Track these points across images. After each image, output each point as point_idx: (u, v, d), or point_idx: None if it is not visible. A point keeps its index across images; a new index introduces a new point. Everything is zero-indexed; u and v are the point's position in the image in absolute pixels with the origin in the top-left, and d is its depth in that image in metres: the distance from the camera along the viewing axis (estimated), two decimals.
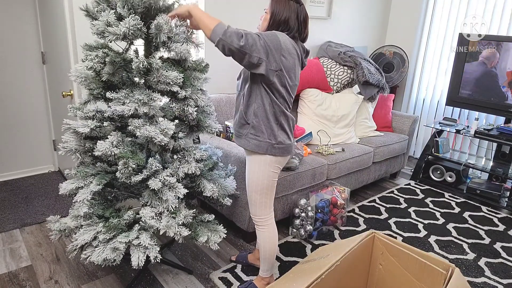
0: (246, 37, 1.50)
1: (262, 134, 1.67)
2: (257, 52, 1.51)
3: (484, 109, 3.27)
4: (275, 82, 1.60)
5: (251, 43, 1.50)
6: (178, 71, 1.62)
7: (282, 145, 1.71)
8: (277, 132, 1.68)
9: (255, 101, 1.65)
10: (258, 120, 1.66)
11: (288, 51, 1.60)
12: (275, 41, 1.55)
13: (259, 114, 1.66)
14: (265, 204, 1.81)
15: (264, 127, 1.66)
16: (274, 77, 1.59)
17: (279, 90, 1.63)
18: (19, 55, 3.05)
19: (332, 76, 3.34)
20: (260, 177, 1.74)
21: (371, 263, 1.75)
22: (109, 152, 1.56)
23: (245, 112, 1.69)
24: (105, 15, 1.52)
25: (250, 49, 1.50)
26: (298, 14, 1.64)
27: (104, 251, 1.59)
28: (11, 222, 2.54)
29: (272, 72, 1.57)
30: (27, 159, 3.31)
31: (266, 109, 1.65)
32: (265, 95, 1.63)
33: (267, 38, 1.54)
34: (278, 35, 1.57)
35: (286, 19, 1.63)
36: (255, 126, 1.67)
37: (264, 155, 1.70)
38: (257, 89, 1.64)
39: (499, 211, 3.10)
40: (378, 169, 3.30)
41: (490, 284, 2.15)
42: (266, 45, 1.53)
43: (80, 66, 1.61)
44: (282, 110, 1.68)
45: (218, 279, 2.07)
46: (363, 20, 4.01)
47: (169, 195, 1.64)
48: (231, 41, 1.48)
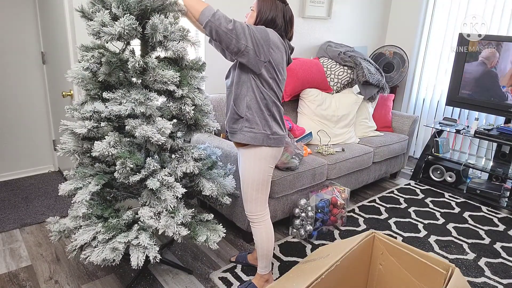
0: (235, 23, 1.53)
1: (257, 126, 1.69)
2: (244, 40, 1.54)
3: (484, 109, 3.27)
4: (263, 73, 1.63)
5: (240, 30, 1.53)
6: (175, 70, 1.62)
7: (277, 135, 1.73)
8: (271, 122, 1.71)
9: (247, 94, 1.67)
10: (252, 112, 1.68)
11: (276, 45, 1.63)
12: (263, 33, 1.58)
13: (252, 107, 1.67)
14: (261, 200, 1.81)
15: (259, 118, 1.68)
16: (263, 68, 1.61)
17: (268, 82, 1.66)
18: (19, 55, 3.06)
19: (332, 76, 3.34)
20: (256, 171, 1.75)
21: (371, 263, 1.75)
22: (106, 152, 1.56)
23: (237, 106, 1.70)
24: (100, 16, 1.52)
25: (238, 35, 1.53)
26: (284, 13, 1.67)
27: (104, 251, 1.59)
28: (11, 222, 2.54)
29: (260, 62, 1.60)
30: (27, 159, 3.31)
31: (259, 101, 1.67)
32: (256, 87, 1.65)
33: (255, 29, 1.57)
34: (266, 29, 1.61)
35: (273, 18, 1.65)
36: (249, 119, 1.69)
37: (260, 147, 1.71)
38: (248, 82, 1.66)
39: (499, 211, 3.10)
40: (378, 169, 3.30)
41: (490, 284, 2.15)
42: (254, 35, 1.56)
43: (77, 67, 1.61)
44: (273, 100, 1.70)
45: (218, 279, 2.07)
46: (363, 20, 4.01)
47: (167, 195, 1.64)
48: (219, 23, 1.51)
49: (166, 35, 1.59)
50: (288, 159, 2.39)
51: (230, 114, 1.75)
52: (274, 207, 2.42)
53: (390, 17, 4.30)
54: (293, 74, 3.02)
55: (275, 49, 1.62)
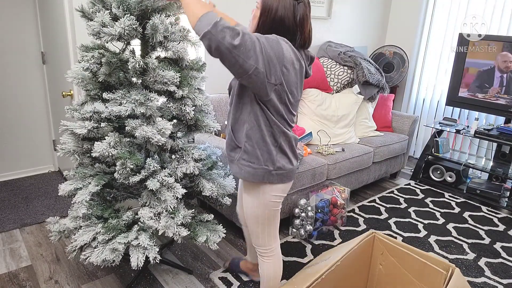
0: (244, 37, 1.16)
1: (257, 160, 1.38)
2: (254, 60, 1.19)
3: (484, 109, 3.27)
4: (272, 98, 1.29)
5: (249, 46, 1.17)
6: (175, 71, 1.62)
7: (282, 170, 1.42)
8: (276, 156, 1.39)
9: (247, 121, 1.35)
10: (251, 143, 1.37)
11: (291, 62, 1.30)
12: (277, 49, 1.24)
13: (252, 136, 1.36)
14: (269, 234, 1.58)
15: (260, 151, 1.37)
16: (272, 92, 1.28)
17: (277, 108, 1.33)
18: (19, 55, 3.06)
19: (332, 76, 3.34)
20: (260, 209, 1.49)
21: (371, 263, 1.75)
22: (106, 153, 1.56)
23: (235, 133, 1.41)
24: (100, 16, 1.52)
25: (246, 54, 1.17)
26: (295, 13, 1.30)
27: (103, 252, 1.59)
28: (11, 222, 2.54)
29: (270, 85, 1.26)
30: (27, 159, 3.31)
31: (263, 130, 1.35)
32: (261, 113, 1.33)
33: (267, 43, 1.22)
34: (280, 41, 1.27)
35: (282, 18, 1.29)
36: (248, 151, 1.38)
37: (261, 184, 1.42)
38: (250, 106, 1.33)
39: (499, 211, 3.10)
40: (378, 169, 3.30)
41: (490, 284, 2.15)
42: (266, 52, 1.21)
43: (77, 67, 1.61)
44: (282, 130, 1.38)
45: (218, 279, 2.07)
46: (363, 20, 4.01)
47: (167, 195, 1.64)
48: (222, 37, 1.14)
49: (167, 36, 1.59)
50: None
51: (227, 139, 1.47)
52: None
53: (390, 17, 4.30)
54: None
55: (290, 68, 1.29)
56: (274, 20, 1.30)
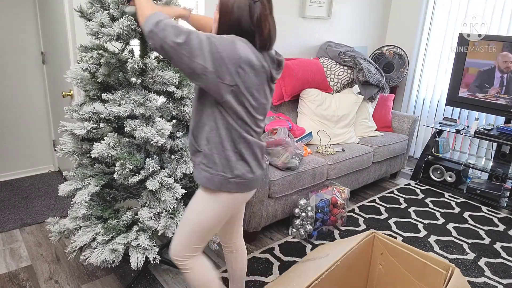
0: (190, 35, 1.15)
1: (214, 165, 1.31)
2: (201, 59, 1.16)
3: (484, 109, 3.27)
4: (229, 100, 1.24)
5: (196, 45, 1.15)
6: (174, 71, 1.62)
7: (241, 179, 1.33)
8: (235, 163, 1.31)
9: (207, 123, 1.30)
10: (210, 147, 1.30)
11: (249, 62, 1.24)
12: (230, 48, 1.20)
13: (211, 140, 1.30)
14: (195, 248, 1.41)
15: (218, 156, 1.30)
16: (229, 94, 1.23)
17: (235, 110, 1.27)
18: (19, 55, 3.06)
19: (332, 76, 3.34)
20: (206, 217, 1.37)
21: (371, 263, 1.75)
22: (106, 153, 1.56)
23: (195, 136, 1.35)
24: (98, 16, 1.52)
25: (192, 52, 1.15)
26: (251, 12, 1.24)
27: (103, 252, 1.59)
28: (11, 222, 2.54)
29: (224, 87, 1.21)
30: (27, 159, 3.31)
31: (221, 134, 1.29)
32: (220, 116, 1.28)
33: (219, 43, 1.18)
34: (236, 42, 1.22)
35: (238, 18, 1.24)
36: (207, 155, 1.31)
37: (218, 192, 1.33)
38: (210, 108, 1.28)
39: (499, 211, 3.10)
40: (378, 169, 3.30)
41: (490, 284, 2.15)
42: (217, 52, 1.17)
43: (76, 67, 1.61)
44: (241, 135, 1.31)
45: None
46: (363, 20, 4.00)
47: (167, 196, 1.64)
48: (164, 35, 1.13)
49: None
50: (288, 159, 2.39)
51: (189, 142, 1.41)
52: (274, 207, 2.42)
53: (390, 17, 4.29)
54: (293, 74, 3.02)
55: (247, 69, 1.23)
56: (231, 21, 1.25)
